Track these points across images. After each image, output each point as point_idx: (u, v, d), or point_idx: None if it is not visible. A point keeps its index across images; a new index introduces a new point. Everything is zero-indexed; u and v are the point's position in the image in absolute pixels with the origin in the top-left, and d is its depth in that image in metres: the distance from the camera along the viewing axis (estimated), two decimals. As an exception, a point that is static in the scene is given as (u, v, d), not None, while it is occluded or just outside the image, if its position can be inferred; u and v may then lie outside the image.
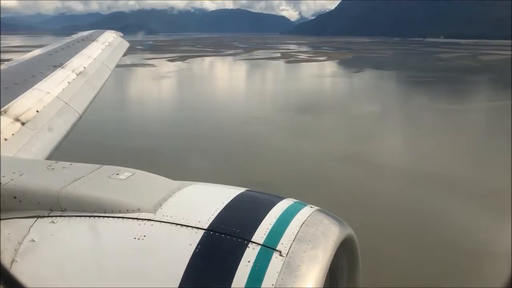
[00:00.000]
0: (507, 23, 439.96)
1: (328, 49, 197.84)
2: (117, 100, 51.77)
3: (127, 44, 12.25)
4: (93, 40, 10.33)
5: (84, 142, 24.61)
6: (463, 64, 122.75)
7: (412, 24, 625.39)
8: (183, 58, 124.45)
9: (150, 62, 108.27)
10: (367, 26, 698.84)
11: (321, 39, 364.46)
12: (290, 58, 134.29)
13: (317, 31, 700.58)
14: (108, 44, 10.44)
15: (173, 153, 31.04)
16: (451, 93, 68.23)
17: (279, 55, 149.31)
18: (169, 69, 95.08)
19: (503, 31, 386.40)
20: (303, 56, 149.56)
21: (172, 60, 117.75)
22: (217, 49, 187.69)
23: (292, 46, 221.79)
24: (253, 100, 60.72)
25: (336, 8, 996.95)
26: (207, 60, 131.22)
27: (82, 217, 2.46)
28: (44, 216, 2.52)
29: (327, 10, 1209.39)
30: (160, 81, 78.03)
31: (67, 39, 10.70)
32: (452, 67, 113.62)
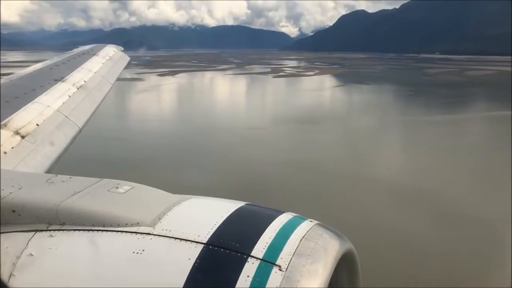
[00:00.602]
0: (505, 39, 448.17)
1: (321, 64, 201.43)
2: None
3: (127, 58, 12.24)
4: (94, 54, 10.39)
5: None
6: (446, 79, 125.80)
7: (409, 41, 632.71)
8: (174, 73, 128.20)
9: (140, 76, 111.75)
10: (365, 42, 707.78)
11: (318, 55, 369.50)
12: (279, 73, 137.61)
13: (316, 47, 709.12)
14: (109, 58, 10.52)
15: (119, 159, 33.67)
16: (421, 106, 70.94)
17: (269, 70, 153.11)
18: (155, 83, 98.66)
19: (501, 47, 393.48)
20: (293, 71, 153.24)
21: (162, 74, 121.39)
22: (211, 64, 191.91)
23: (286, 62, 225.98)
24: (224, 112, 64.03)
25: (334, 24, 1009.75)
26: (197, 74, 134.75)
27: (80, 231, 2.46)
28: (42, 230, 2.52)
29: (326, 26, 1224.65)
30: (141, 95, 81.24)
31: (68, 53, 10.77)
32: (434, 82, 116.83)
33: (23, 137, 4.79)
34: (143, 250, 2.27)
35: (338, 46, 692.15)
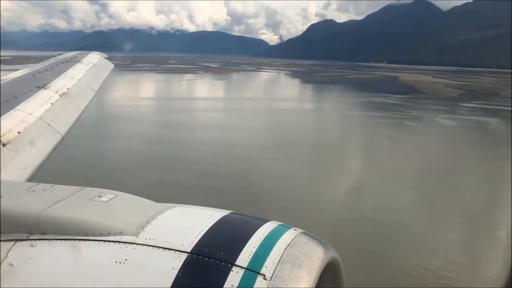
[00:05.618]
0: (447, 51, 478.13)
1: (237, 68, 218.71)
2: None
3: (111, 66, 12.11)
4: (78, 62, 10.27)
5: None
6: (314, 79, 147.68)
7: (366, 50, 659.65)
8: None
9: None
10: (326, 51, 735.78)
11: (270, 60, 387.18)
12: (172, 72, 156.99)
13: (285, 54, 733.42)
14: (92, 66, 10.40)
15: None
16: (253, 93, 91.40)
17: (176, 68, 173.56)
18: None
19: (440, 58, 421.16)
20: (195, 70, 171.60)
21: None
22: (135, 63, 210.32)
23: (215, 64, 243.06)
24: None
25: (304, 32, 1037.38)
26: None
27: (62, 240, 2.38)
28: (23, 240, 2.43)
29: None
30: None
31: (51, 60, 10.57)
32: (297, 82, 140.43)
33: (4, 144, 4.71)
34: (126, 260, 2.21)
35: (304, 54, 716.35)
